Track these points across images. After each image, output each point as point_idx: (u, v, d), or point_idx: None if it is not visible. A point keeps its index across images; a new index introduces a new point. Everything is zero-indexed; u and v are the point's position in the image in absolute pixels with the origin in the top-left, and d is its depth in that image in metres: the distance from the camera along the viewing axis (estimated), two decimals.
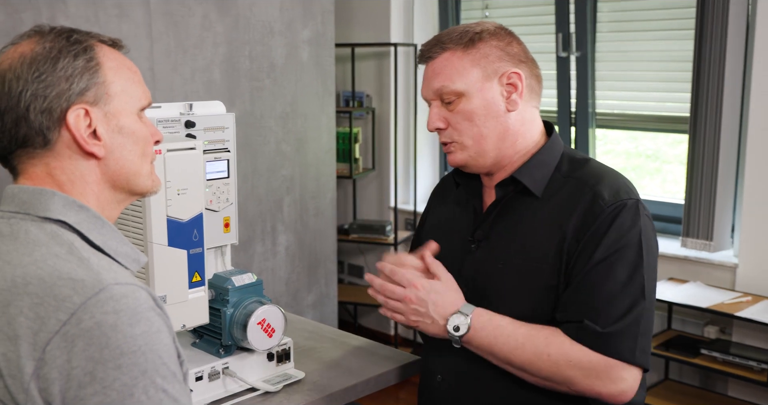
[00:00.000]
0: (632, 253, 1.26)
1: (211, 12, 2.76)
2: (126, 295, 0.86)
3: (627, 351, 1.24)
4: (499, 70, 1.33)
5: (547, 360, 1.25)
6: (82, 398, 0.81)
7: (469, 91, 1.33)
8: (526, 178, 1.35)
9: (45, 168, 0.96)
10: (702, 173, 2.97)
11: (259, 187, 3.02)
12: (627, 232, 1.26)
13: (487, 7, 3.80)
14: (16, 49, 0.96)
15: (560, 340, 1.26)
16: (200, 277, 1.38)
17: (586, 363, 1.24)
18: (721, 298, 2.81)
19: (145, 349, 0.84)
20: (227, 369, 1.44)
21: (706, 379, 3.02)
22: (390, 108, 3.94)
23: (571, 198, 1.31)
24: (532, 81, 1.36)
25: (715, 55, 2.86)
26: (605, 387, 1.24)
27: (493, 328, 1.28)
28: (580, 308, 1.26)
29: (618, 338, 1.23)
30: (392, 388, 1.61)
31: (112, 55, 0.99)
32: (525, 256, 1.32)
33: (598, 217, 1.27)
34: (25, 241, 0.91)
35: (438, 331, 1.31)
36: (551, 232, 1.31)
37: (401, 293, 1.32)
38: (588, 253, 1.26)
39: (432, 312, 1.30)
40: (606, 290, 1.25)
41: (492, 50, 1.34)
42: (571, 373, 1.24)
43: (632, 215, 1.28)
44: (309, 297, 3.30)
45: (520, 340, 1.27)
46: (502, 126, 1.34)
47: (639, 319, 1.25)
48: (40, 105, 0.93)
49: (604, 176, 1.33)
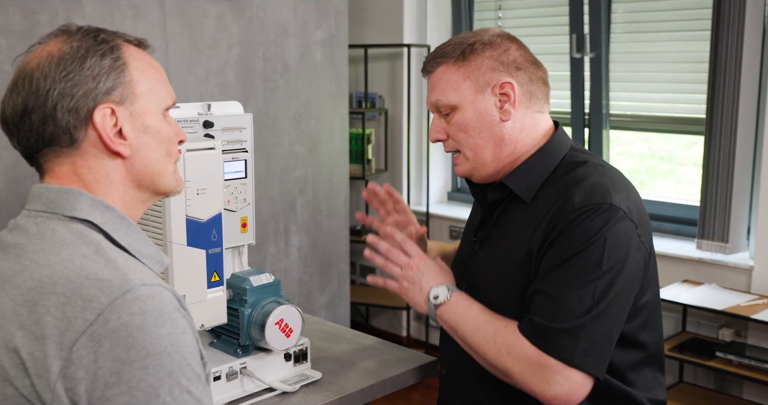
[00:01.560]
0: (590, 259, 1.24)
1: (226, 13, 2.77)
2: (152, 295, 0.86)
3: (565, 350, 1.22)
4: (492, 81, 1.34)
5: (492, 346, 1.28)
6: (108, 398, 0.82)
7: (462, 104, 1.36)
8: (514, 183, 1.37)
9: (71, 167, 0.97)
10: (718, 175, 2.95)
11: (273, 187, 3.02)
12: (589, 237, 1.24)
13: (500, 8, 3.79)
14: (44, 48, 0.96)
15: (510, 331, 1.28)
16: (219, 277, 1.38)
17: (523, 356, 1.25)
18: (736, 300, 2.79)
19: (170, 350, 0.84)
20: (245, 369, 1.44)
21: (721, 381, 3.00)
22: (403, 109, 3.94)
23: (550, 202, 1.32)
24: (532, 87, 1.36)
25: (731, 56, 2.84)
26: (538, 386, 1.24)
27: (464, 306, 1.34)
28: (533, 307, 1.27)
29: (558, 336, 1.22)
30: (404, 389, 1.61)
31: (138, 54, 1.00)
32: (507, 258, 1.36)
33: (563, 220, 1.27)
34: (52, 240, 0.91)
35: (420, 299, 1.38)
36: (526, 237, 1.32)
37: (405, 260, 1.40)
38: (549, 256, 1.28)
39: (423, 281, 1.38)
40: (557, 292, 1.25)
41: (484, 61, 1.35)
42: (510, 364, 1.26)
43: (601, 220, 1.25)
44: (321, 298, 3.30)
45: (479, 323, 1.32)
46: (498, 136, 1.36)
47: (586, 323, 1.22)
48: (67, 104, 0.93)
49: (586, 179, 1.31)
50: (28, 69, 0.95)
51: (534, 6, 3.67)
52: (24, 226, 0.95)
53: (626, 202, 1.29)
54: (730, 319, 2.86)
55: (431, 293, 1.36)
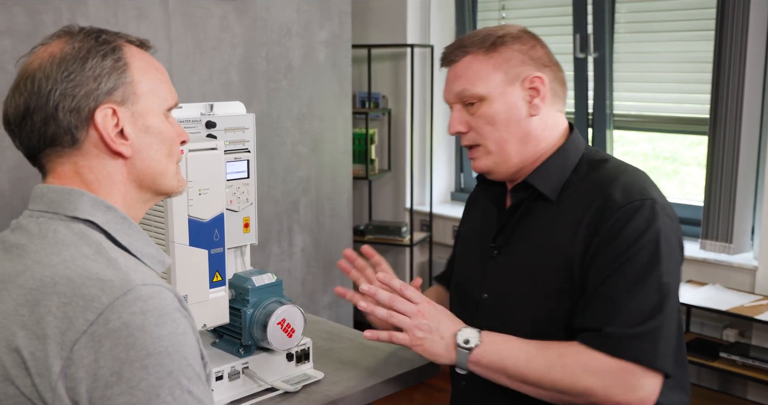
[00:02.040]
0: (648, 256, 1.22)
1: (229, 13, 2.77)
2: (153, 295, 0.86)
3: (646, 355, 1.19)
4: (521, 74, 1.32)
5: (561, 370, 1.20)
6: (109, 398, 0.82)
7: (491, 95, 1.32)
8: (538, 182, 1.33)
9: (73, 167, 0.97)
10: (722, 175, 2.94)
11: (276, 188, 3.02)
12: (641, 235, 1.22)
13: (503, 8, 3.79)
14: (46, 49, 0.97)
15: (575, 350, 1.22)
16: (221, 277, 1.38)
17: (605, 370, 1.19)
18: (740, 300, 2.79)
19: (171, 350, 0.84)
20: (247, 369, 1.44)
21: (725, 382, 3.00)
22: (406, 109, 3.94)
23: (584, 201, 1.29)
24: (555, 85, 1.35)
25: (736, 55, 2.83)
26: (624, 395, 1.19)
27: (504, 342, 1.25)
28: (597, 316, 1.22)
29: (637, 342, 1.19)
30: (407, 389, 1.60)
31: (139, 55, 1.00)
32: (539, 261, 1.31)
33: (608, 220, 1.24)
34: (54, 240, 0.92)
35: (444, 348, 1.27)
36: (564, 236, 1.28)
37: (413, 308, 1.28)
38: (602, 259, 1.23)
39: (442, 328, 1.27)
40: (623, 296, 1.21)
41: (514, 54, 1.32)
42: (589, 383, 1.20)
43: (647, 217, 1.23)
44: (324, 298, 3.30)
45: (532, 352, 1.23)
46: (524, 130, 1.33)
47: (659, 323, 1.21)
48: (68, 104, 0.93)
49: (618, 177, 1.30)
50: (30, 70, 0.95)
51: (538, 6, 3.66)
52: (26, 226, 0.96)
53: (662, 198, 1.28)
54: (734, 319, 2.85)
55: (459, 338, 1.25)
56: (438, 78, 3.96)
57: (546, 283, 1.29)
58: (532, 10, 3.70)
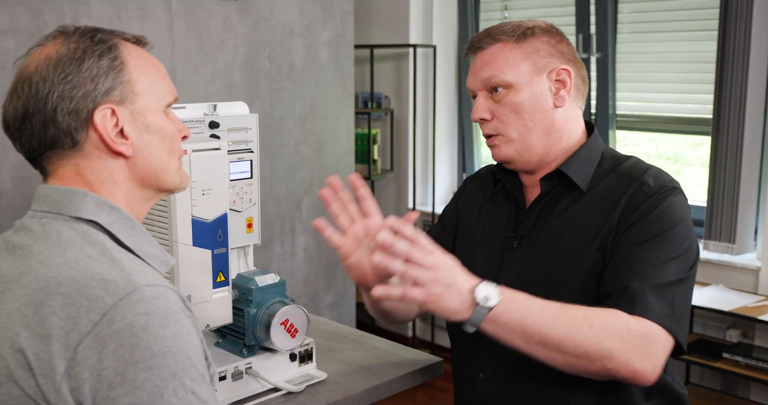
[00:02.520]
0: (682, 233, 1.27)
1: (232, 13, 2.78)
2: (157, 296, 0.86)
3: (665, 317, 1.19)
4: (549, 65, 1.34)
5: (587, 331, 1.15)
6: (113, 398, 0.82)
7: (519, 84, 1.33)
8: (571, 171, 1.35)
9: (74, 168, 0.97)
10: (725, 175, 2.94)
11: (278, 188, 3.02)
12: (674, 213, 1.27)
13: (506, 8, 3.79)
14: (42, 50, 0.96)
15: (601, 312, 1.18)
16: (224, 277, 1.38)
17: (627, 332, 1.16)
18: (743, 301, 2.78)
19: (175, 351, 0.84)
20: (250, 369, 1.44)
21: (727, 383, 2.99)
22: (408, 109, 3.94)
23: (616, 189, 1.32)
24: (578, 81, 1.37)
25: (739, 56, 2.83)
26: (640, 361, 1.16)
27: (525, 299, 1.17)
28: (622, 278, 1.23)
29: (658, 300, 1.19)
30: (409, 389, 1.60)
31: (136, 53, 0.99)
32: (568, 248, 1.31)
33: (644, 201, 1.28)
34: (57, 241, 0.92)
35: (461, 304, 1.14)
36: (596, 222, 1.31)
37: (433, 261, 1.13)
38: (635, 232, 1.26)
39: (460, 282, 1.14)
40: (650, 262, 1.23)
41: (543, 46, 1.35)
42: (613, 345, 1.15)
43: (681, 200, 1.30)
44: (327, 298, 3.30)
45: (556, 312, 1.16)
46: (549, 121, 1.35)
47: (680, 293, 1.23)
48: (66, 106, 0.93)
49: (650, 168, 1.36)
50: (27, 72, 0.95)
51: (540, 6, 3.66)
52: (29, 226, 0.96)
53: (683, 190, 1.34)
54: (737, 320, 2.85)
55: (478, 295, 1.13)
56: (440, 78, 3.96)
57: (576, 268, 1.30)
58: (535, 10, 3.70)
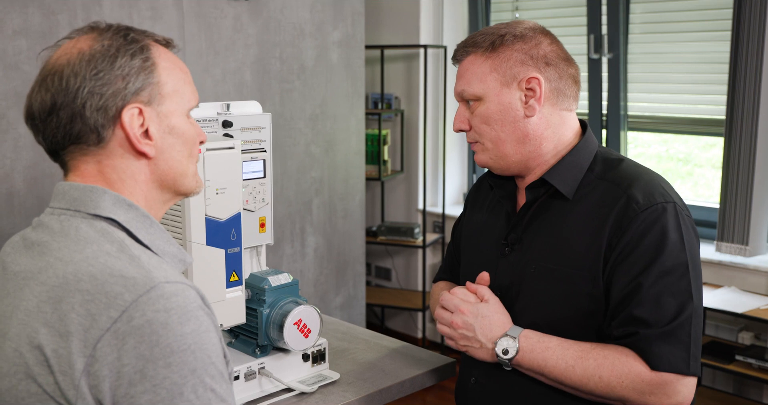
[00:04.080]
0: (676, 259, 1.23)
1: (243, 14, 2.78)
2: (176, 293, 0.86)
3: (681, 362, 1.21)
4: (519, 75, 1.32)
5: (598, 382, 1.23)
6: (132, 396, 0.82)
7: (487, 96, 1.33)
8: (556, 179, 1.33)
9: (96, 165, 0.96)
10: (738, 176, 2.92)
11: (289, 188, 3.02)
12: (667, 238, 1.23)
13: (517, 9, 3.78)
14: (74, 44, 0.96)
15: (611, 362, 1.22)
16: (237, 277, 1.38)
17: (639, 382, 1.21)
18: (756, 303, 2.76)
19: (194, 348, 0.84)
20: (263, 369, 1.43)
21: (740, 385, 2.97)
22: (419, 110, 3.93)
23: (604, 202, 1.29)
24: (561, 84, 1.34)
25: (752, 56, 2.81)
26: (660, 401, 1.22)
27: (542, 350, 1.27)
28: (630, 322, 1.23)
29: (671, 347, 1.20)
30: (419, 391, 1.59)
31: (166, 55, 1.00)
32: (558, 261, 1.30)
33: (632, 222, 1.24)
34: (76, 237, 0.91)
35: (486, 355, 1.30)
36: (586, 237, 1.28)
37: (448, 318, 1.34)
38: (630, 263, 1.23)
39: (480, 336, 1.30)
40: (653, 299, 1.22)
41: (514, 54, 1.32)
42: (625, 393, 1.22)
43: (671, 219, 1.25)
44: (337, 299, 3.29)
45: (570, 362, 1.25)
46: (521, 131, 1.33)
47: (689, 325, 1.22)
48: (96, 102, 0.93)
49: (638, 178, 1.30)
50: (58, 65, 0.94)
51: (552, 6, 3.65)
52: (48, 223, 0.95)
53: (680, 200, 1.30)
54: (750, 322, 2.83)
55: (497, 349, 1.29)
56: (451, 79, 3.95)
57: (568, 284, 1.29)
58: (546, 10, 3.68)
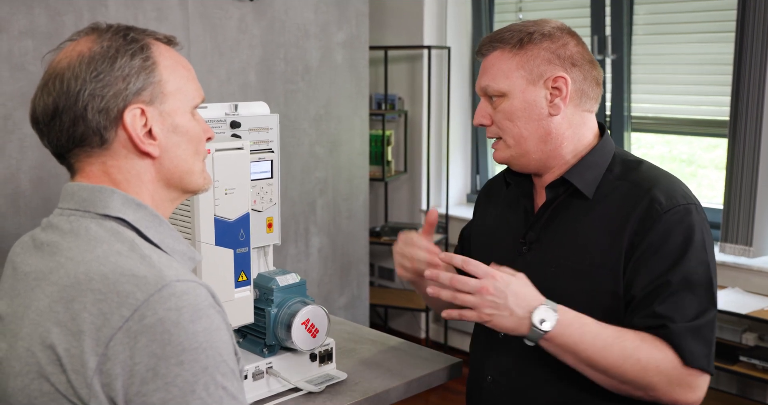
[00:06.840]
0: (699, 259, 1.25)
1: (248, 15, 2.78)
2: (187, 291, 0.86)
3: (705, 360, 1.23)
4: (545, 73, 1.32)
5: (635, 364, 1.21)
6: (144, 394, 0.82)
7: (512, 92, 1.33)
8: (576, 179, 1.33)
9: (102, 167, 0.97)
10: (741, 177, 2.92)
11: (293, 189, 3.03)
12: (692, 238, 1.25)
13: (521, 10, 3.78)
14: (75, 47, 0.96)
15: (649, 346, 1.22)
16: (246, 277, 1.38)
17: (673, 370, 1.21)
18: (760, 304, 2.76)
19: (206, 346, 0.84)
20: (271, 369, 1.44)
21: (744, 386, 2.97)
22: (422, 111, 3.93)
23: (626, 202, 1.29)
24: (585, 85, 1.34)
25: (756, 57, 2.82)
26: (684, 395, 1.23)
27: (581, 325, 1.22)
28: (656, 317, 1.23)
29: (698, 347, 1.22)
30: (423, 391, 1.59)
31: (167, 53, 1.00)
32: (579, 260, 1.31)
33: (656, 222, 1.25)
34: (86, 237, 0.92)
35: (515, 324, 1.21)
36: (607, 236, 1.29)
37: (476, 284, 1.22)
38: (655, 262, 1.24)
39: (512, 304, 1.21)
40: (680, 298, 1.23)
41: (541, 53, 1.32)
42: (656, 380, 1.21)
43: (695, 220, 1.27)
44: (341, 299, 3.30)
45: (609, 340, 1.22)
46: (544, 129, 1.33)
47: (712, 324, 1.25)
48: (97, 104, 0.93)
49: (660, 180, 1.31)
50: (59, 68, 0.95)
51: (555, 8, 3.65)
52: (57, 224, 0.96)
53: (698, 201, 1.32)
54: (754, 323, 2.83)
55: (534, 318, 1.20)
56: (454, 80, 3.95)
57: (589, 282, 1.29)
58: (550, 11, 3.69)
